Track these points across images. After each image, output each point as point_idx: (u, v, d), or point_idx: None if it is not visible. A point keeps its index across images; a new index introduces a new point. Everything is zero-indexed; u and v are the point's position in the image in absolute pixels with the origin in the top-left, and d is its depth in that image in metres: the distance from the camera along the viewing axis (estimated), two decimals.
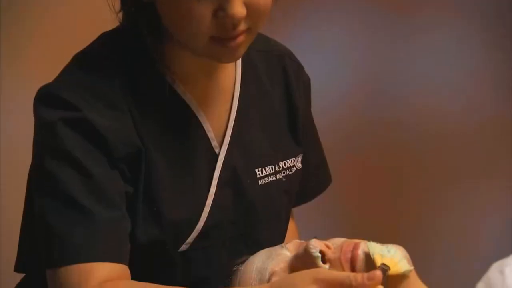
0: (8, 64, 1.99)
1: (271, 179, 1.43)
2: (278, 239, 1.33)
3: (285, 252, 1.22)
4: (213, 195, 1.36)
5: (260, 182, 1.42)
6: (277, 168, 1.44)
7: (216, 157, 1.37)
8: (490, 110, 2.41)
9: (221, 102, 1.39)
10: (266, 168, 1.43)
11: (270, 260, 1.21)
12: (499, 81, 2.40)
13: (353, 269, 1.15)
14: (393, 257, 1.13)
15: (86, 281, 1.20)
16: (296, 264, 1.19)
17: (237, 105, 1.40)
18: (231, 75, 1.41)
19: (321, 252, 1.17)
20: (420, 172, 2.47)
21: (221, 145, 1.38)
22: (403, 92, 2.47)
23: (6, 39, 2.10)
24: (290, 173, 1.47)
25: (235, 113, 1.40)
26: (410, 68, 2.47)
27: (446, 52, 2.43)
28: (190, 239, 1.35)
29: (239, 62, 1.42)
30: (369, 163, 2.49)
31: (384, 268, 1.09)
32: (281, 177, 1.45)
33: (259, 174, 1.42)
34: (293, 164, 1.47)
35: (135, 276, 1.29)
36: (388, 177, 2.48)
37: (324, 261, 1.16)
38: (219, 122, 1.39)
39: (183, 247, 1.35)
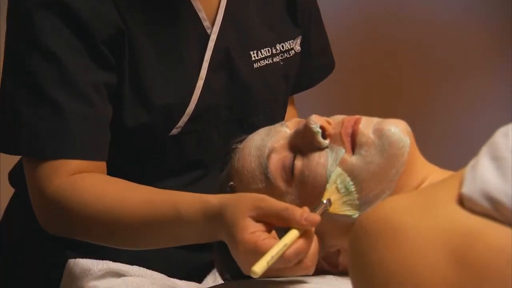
0: None
1: (267, 62, 1.36)
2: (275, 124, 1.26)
3: (285, 129, 1.16)
4: (204, 78, 1.29)
5: (255, 65, 1.35)
6: (274, 51, 1.37)
7: (207, 37, 1.30)
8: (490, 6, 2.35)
9: None
10: (261, 50, 1.36)
11: (270, 137, 1.15)
12: None
13: (353, 144, 1.09)
14: (345, 195, 1.08)
15: (56, 175, 1.17)
16: (296, 140, 1.13)
17: None
18: None
19: (321, 127, 1.11)
20: (421, 60, 2.42)
21: (213, 26, 1.30)
22: None
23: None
24: (289, 56, 1.39)
25: None
26: None
27: None
28: (181, 123, 1.29)
29: None
30: (371, 52, 2.43)
31: (326, 204, 1.06)
32: (278, 60, 1.38)
33: (254, 57, 1.35)
34: (291, 46, 1.40)
35: (127, 163, 1.25)
36: (390, 64, 2.43)
37: (324, 137, 1.11)
38: (211, 0, 1.31)
39: (174, 131, 1.29)
